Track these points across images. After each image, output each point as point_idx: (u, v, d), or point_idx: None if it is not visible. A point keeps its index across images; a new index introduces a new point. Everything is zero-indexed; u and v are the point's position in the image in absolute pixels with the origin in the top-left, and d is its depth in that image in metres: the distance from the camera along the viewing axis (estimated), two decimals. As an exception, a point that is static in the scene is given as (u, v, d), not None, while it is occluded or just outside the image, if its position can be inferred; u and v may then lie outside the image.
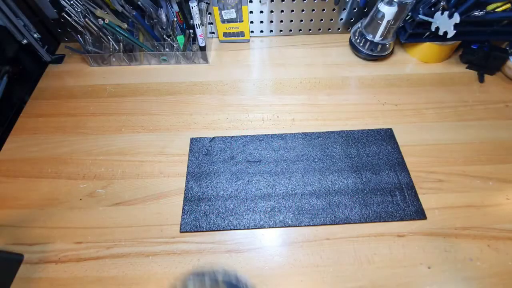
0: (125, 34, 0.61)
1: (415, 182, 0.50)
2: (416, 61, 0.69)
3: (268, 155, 0.53)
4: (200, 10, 0.61)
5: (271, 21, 0.72)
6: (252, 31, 0.74)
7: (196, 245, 0.45)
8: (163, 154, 0.54)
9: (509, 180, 0.51)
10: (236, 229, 0.46)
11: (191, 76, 0.67)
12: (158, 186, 0.50)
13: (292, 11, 0.70)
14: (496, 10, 0.59)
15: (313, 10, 0.70)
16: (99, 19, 0.59)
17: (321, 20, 0.72)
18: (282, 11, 0.70)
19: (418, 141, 0.55)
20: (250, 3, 0.68)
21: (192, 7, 0.57)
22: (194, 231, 0.46)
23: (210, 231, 0.46)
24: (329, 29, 0.74)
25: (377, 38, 0.64)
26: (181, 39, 0.65)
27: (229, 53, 0.72)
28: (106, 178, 0.51)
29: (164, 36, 0.64)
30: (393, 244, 0.45)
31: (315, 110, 0.60)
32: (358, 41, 0.67)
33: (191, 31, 0.63)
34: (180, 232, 0.46)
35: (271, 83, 0.65)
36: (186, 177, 0.51)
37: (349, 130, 0.56)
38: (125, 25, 0.62)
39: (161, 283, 0.42)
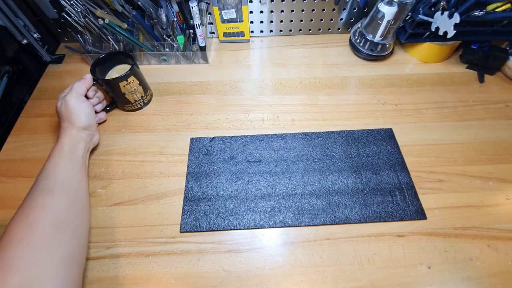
0: (125, 34, 0.61)
1: (415, 182, 0.50)
2: (416, 61, 0.69)
3: (268, 155, 0.53)
4: (200, 10, 0.61)
5: (271, 21, 0.72)
6: (252, 31, 0.74)
7: (196, 245, 0.45)
8: (163, 154, 0.54)
9: (509, 180, 0.51)
10: (236, 229, 0.46)
11: (191, 76, 0.67)
12: (158, 186, 0.50)
13: (292, 11, 0.70)
14: (496, 10, 0.59)
15: (313, 10, 0.70)
16: (99, 19, 0.59)
17: (321, 20, 0.72)
18: (282, 11, 0.70)
19: (418, 141, 0.55)
20: (250, 3, 0.68)
21: (192, 7, 0.57)
22: (194, 231, 0.46)
23: (210, 231, 0.46)
24: (329, 29, 0.74)
25: (377, 38, 0.64)
26: (181, 39, 0.65)
27: (229, 53, 0.72)
28: (106, 178, 0.51)
29: (164, 36, 0.64)
30: (393, 244, 0.45)
31: (315, 110, 0.60)
32: (358, 41, 0.67)
33: (191, 31, 0.63)
34: (180, 232, 0.46)
35: (271, 83, 0.65)
36: (186, 177, 0.51)
37: (349, 130, 0.56)
38: (125, 25, 0.62)
39: (161, 283, 0.42)
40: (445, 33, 0.59)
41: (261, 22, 0.72)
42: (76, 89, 0.50)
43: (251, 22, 0.72)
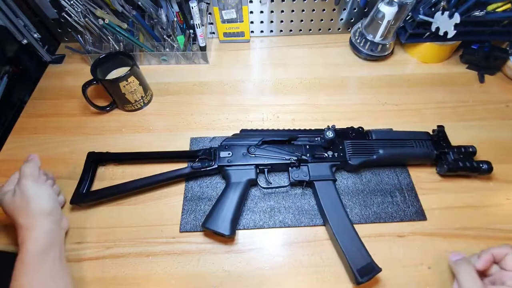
0: (125, 34, 0.61)
1: (415, 182, 0.50)
2: (416, 61, 0.69)
3: (268, 155, 0.53)
4: (200, 10, 0.61)
5: (271, 21, 0.72)
6: (252, 31, 0.74)
7: (196, 245, 0.45)
8: (163, 154, 0.54)
9: (509, 180, 0.51)
10: (236, 229, 0.46)
11: (191, 76, 0.67)
12: (158, 186, 0.50)
13: (292, 11, 0.70)
14: (496, 10, 0.59)
15: (313, 10, 0.70)
16: (99, 19, 0.59)
17: (321, 20, 0.72)
18: (282, 11, 0.70)
19: (418, 141, 0.55)
20: (250, 3, 0.68)
21: (192, 7, 0.57)
22: (194, 231, 0.46)
23: (210, 231, 0.46)
24: (329, 29, 0.74)
25: (378, 38, 0.64)
26: (181, 39, 0.65)
27: (229, 53, 0.72)
28: (107, 179, 0.51)
29: (164, 36, 0.64)
30: (393, 244, 0.45)
31: (315, 110, 0.60)
32: (358, 41, 0.67)
33: (191, 31, 0.63)
34: (180, 232, 0.46)
35: (271, 83, 0.65)
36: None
37: (349, 130, 0.56)
38: (125, 25, 0.62)
39: (161, 283, 0.42)
40: (446, 33, 0.59)
41: (261, 22, 0.72)
42: (29, 172, 0.41)
43: (251, 22, 0.72)
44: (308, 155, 0.49)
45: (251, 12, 0.69)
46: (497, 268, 0.38)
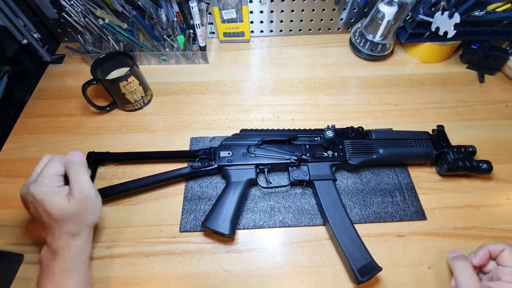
0: (125, 34, 0.61)
1: (415, 182, 0.50)
2: (416, 61, 0.69)
3: (268, 155, 0.53)
4: (200, 10, 0.61)
5: (271, 21, 0.72)
6: (252, 31, 0.74)
7: (196, 245, 0.45)
8: (163, 154, 0.54)
9: (509, 180, 0.51)
10: (236, 229, 0.46)
11: (191, 76, 0.67)
12: (158, 186, 0.50)
13: (292, 11, 0.70)
14: (496, 10, 0.59)
15: (313, 10, 0.70)
16: (99, 19, 0.59)
17: (321, 20, 0.72)
18: (282, 11, 0.70)
19: (418, 141, 0.55)
20: (250, 3, 0.68)
21: (192, 7, 0.57)
22: (194, 231, 0.46)
23: (210, 231, 0.46)
24: (329, 29, 0.74)
25: (377, 38, 0.64)
26: (181, 39, 0.65)
27: (229, 53, 0.72)
28: (107, 178, 0.51)
29: (164, 36, 0.64)
30: (393, 244, 0.45)
31: (315, 110, 0.60)
32: (358, 41, 0.67)
33: (191, 31, 0.63)
34: (180, 231, 0.46)
35: (271, 83, 0.65)
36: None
37: (349, 130, 0.56)
38: (125, 25, 0.62)
39: (161, 283, 0.42)
40: (445, 33, 0.59)
41: (261, 22, 0.72)
42: (89, 180, 0.38)
43: (251, 22, 0.72)
44: (308, 154, 0.49)
45: (251, 12, 0.69)
46: (494, 264, 0.38)
